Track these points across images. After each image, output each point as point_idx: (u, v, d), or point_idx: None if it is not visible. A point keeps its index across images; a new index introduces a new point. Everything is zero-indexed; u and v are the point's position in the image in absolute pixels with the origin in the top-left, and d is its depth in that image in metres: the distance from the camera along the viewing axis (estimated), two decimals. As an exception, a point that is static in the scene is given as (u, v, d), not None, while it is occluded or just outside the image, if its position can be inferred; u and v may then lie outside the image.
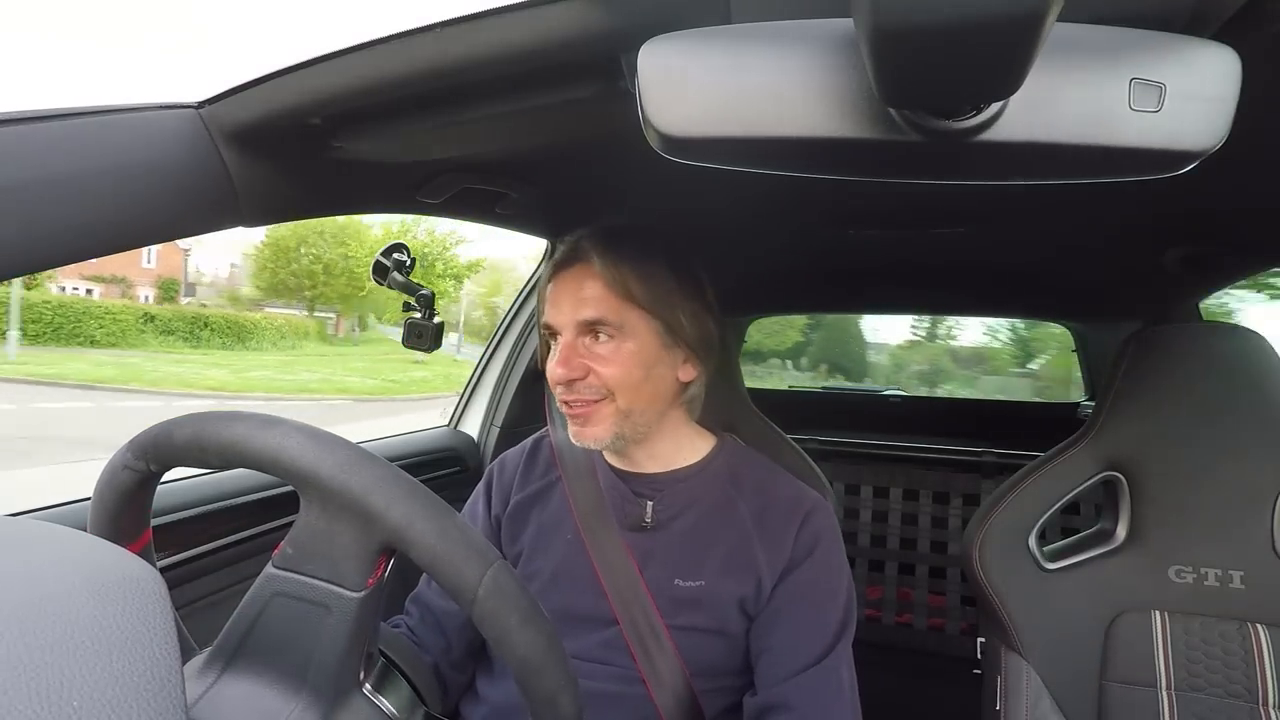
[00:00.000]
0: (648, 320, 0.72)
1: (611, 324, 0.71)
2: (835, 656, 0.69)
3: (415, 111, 0.57)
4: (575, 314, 0.71)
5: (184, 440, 0.44)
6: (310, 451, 0.42)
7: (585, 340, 0.72)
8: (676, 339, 0.73)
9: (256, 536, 0.86)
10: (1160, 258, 1.16)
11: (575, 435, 0.74)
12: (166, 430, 0.45)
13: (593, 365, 0.71)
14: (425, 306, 1.04)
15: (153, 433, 0.45)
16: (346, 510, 0.42)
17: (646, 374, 0.72)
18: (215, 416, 0.45)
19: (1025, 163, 0.35)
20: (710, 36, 0.33)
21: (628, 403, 0.71)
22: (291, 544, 0.44)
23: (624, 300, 0.71)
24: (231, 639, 0.45)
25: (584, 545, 0.74)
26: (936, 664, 1.78)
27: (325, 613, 0.43)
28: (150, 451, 0.45)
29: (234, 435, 0.43)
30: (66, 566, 0.29)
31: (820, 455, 1.86)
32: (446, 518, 0.42)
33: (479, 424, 1.38)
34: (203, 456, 0.44)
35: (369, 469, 0.42)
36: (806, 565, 0.72)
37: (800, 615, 0.70)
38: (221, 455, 0.43)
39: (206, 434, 0.44)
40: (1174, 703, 0.83)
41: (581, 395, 0.71)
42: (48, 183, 0.47)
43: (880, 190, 0.84)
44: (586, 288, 0.71)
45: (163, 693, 0.26)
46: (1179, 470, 0.88)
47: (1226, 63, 0.31)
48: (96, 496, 0.47)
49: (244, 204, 0.61)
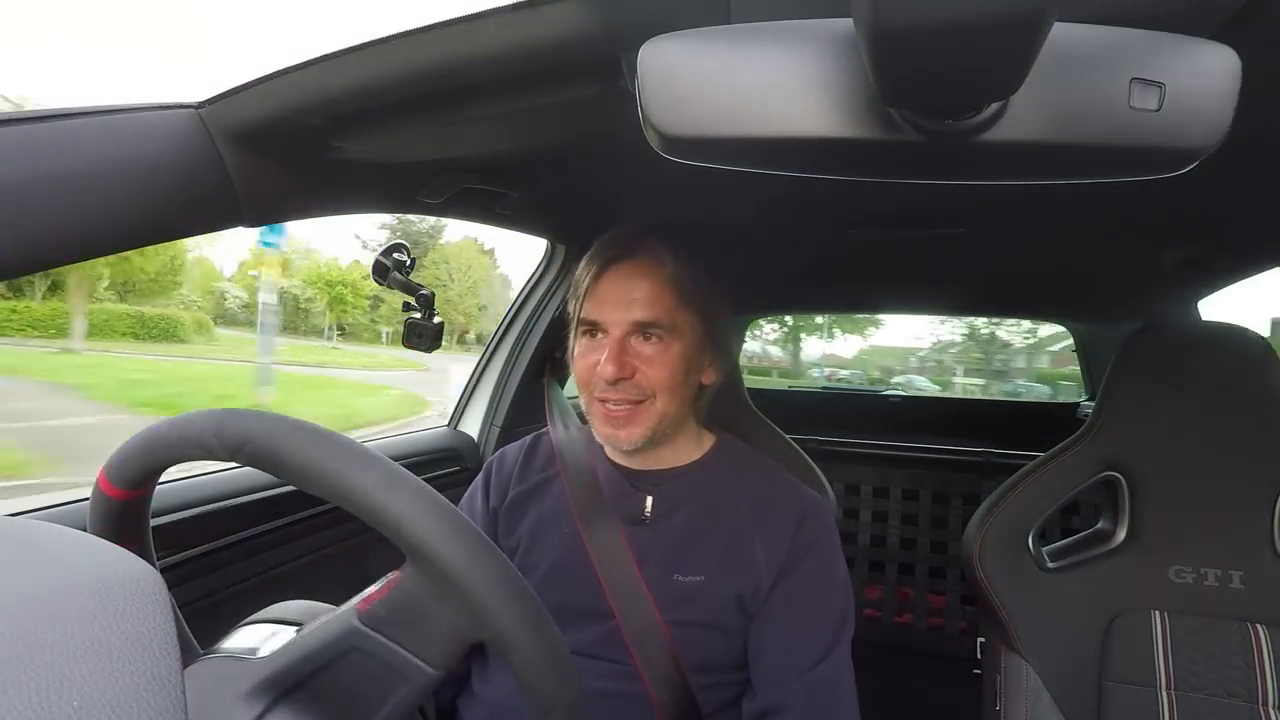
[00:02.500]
0: (693, 323, 0.73)
1: (664, 325, 0.71)
2: (834, 659, 0.69)
3: (415, 111, 0.57)
4: (630, 313, 0.71)
5: (296, 466, 0.40)
6: (438, 530, 0.39)
7: (632, 340, 0.72)
8: (711, 343, 0.75)
9: (257, 536, 0.86)
10: (1160, 258, 1.16)
11: (609, 437, 0.73)
12: (276, 445, 0.40)
13: (640, 365, 0.71)
14: (425, 307, 1.03)
15: (263, 445, 0.40)
16: (459, 598, 0.40)
17: (686, 378, 0.73)
18: (344, 455, 0.40)
19: (1025, 163, 0.35)
20: (710, 36, 0.33)
21: (665, 405, 0.72)
22: (387, 606, 0.42)
23: (678, 301, 0.71)
24: (292, 674, 0.42)
25: (581, 539, 0.74)
26: (936, 664, 1.78)
27: (400, 680, 0.42)
28: (240, 453, 0.41)
29: (358, 485, 0.39)
30: (66, 566, 0.29)
31: (820, 455, 1.85)
32: (549, 632, 0.41)
33: (479, 424, 1.38)
34: (304, 486, 0.40)
35: (490, 562, 0.40)
36: (804, 565, 0.72)
37: (798, 616, 0.70)
38: (330, 496, 0.39)
39: (330, 476, 0.39)
40: (1173, 703, 0.83)
41: (626, 395, 0.71)
42: (48, 183, 0.47)
43: (880, 190, 0.84)
44: (643, 286, 0.71)
45: (163, 693, 0.26)
46: (1179, 470, 0.88)
47: (1226, 62, 0.31)
48: None
49: (244, 204, 0.61)
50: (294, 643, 0.42)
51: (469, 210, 0.96)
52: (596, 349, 0.72)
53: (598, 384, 0.72)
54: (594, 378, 0.72)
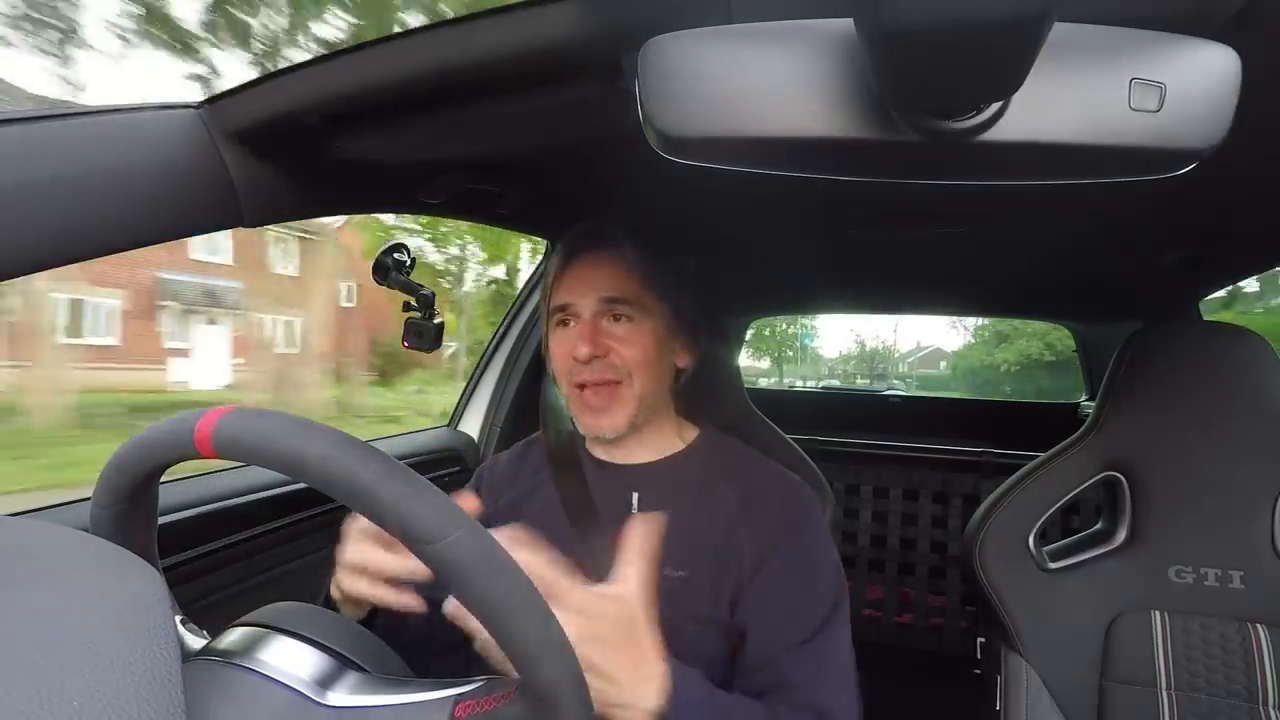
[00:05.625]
0: (660, 305, 0.76)
1: (632, 303, 0.73)
2: (828, 635, 0.68)
3: (415, 111, 0.57)
4: (598, 291, 0.73)
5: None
6: (567, 679, 0.35)
7: (603, 322, 0.74)
8: (680, 325, 0.78)
9: (257, 536, 0.86)
10: (1160, 258, 1.16)
11: (591, 426, 0.74)
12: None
13: (613, 345, 0.73)
14: (425, 307, 1.03)
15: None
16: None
17: (659, 357, 0.75)
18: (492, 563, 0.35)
19: (1025, 163, 0.35)
20: (711, 36, 0.33)
21: (642, 385, 0.74)
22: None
23: (644, 282, 0.74)
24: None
25: (571, 540, 0.74)
26: (936, 664, 1.78)
27: None
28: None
29: (499, 614, 0.34)
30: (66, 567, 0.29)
31: (820, 455, 1.85)
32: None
33: (479, 424, 1.38)
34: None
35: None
36: (791, 545, 0.71)
37: (788, 593, 0.69)
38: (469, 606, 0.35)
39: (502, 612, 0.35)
40: (1174, 703, 0.83)
41: (602, 375, 0.72)
42: (48, 183, 0.47)
43: (881, 190, 0.84)
44: (610, 267, 0.74)
45: (163, 693, 0.26)
46: (1179, 470, 0.88)
47: (1226, 63, 0.31)
48: None
49: (244, 204, 0.61)
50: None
51: (469, 210, 0.96)
52: (569, 335, 0.75)
53: (574, 368, 0.73)
54: (569, 363, 0.73)
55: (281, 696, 0.36)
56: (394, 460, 0.36)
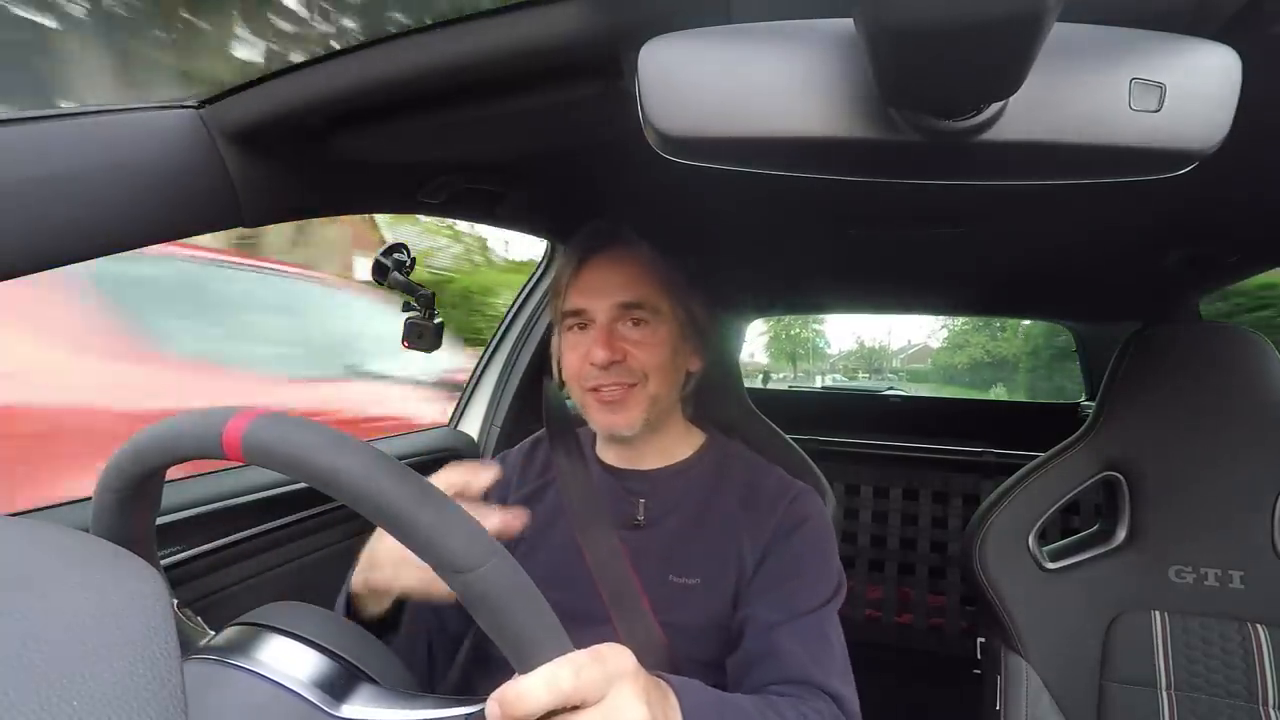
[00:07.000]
0: (674, 308, 0.74)
1: (648, 307, 0.72)
2: (821, 616, 0.68)
3: (415, 111, 0.57)
4: (614, 296, 0.72)
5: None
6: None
7: (619, 326, 0.73)
8: (693, 329, 0.77)
9: (257, 536, 0.86)
10: (1160, 258, 1.16)
11: (607, 424, 0.73)
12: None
13: (629, 349, 0.72)
14: (425, 306, 1.03)
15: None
16: None
17: (673, 361, 0.74)
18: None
19: (1025, 163, 0.35)
20: (711, 36, 0.33)
21: (657, 387, 0.73)
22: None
23: (660, 287, 0.73)
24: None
25: (577, 544, 0.74)
26: (936, 664, 1.78)
27: None
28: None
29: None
30: (66, 566, 0.29)
31: (820, 455, 1.85)
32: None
33: (479, 424, 1.38)
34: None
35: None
36: (791, 542, 0.71)
37: (786, 583, 0.69)
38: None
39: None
40: (1174, 703, 0.83)
41: (619, 379, 0.72)
42: (48, 182, 0.47)
43: (881, 190, 0.84)
44: (625, 271, 0.72)
45: (163, 693, 0.26)
46: (1179, 470, 0.88)
47: (1226, 63, 0.31)
48: None
49: (244, 204, 0.60)
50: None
51: (469, 210, 0.96)
52: (584, 340, 0.73)
53: (589, 373, 0.72)
54: (584, 368, 0.72)
55: (293, 707, 0.36)
56: (428, 483, 0.36)
